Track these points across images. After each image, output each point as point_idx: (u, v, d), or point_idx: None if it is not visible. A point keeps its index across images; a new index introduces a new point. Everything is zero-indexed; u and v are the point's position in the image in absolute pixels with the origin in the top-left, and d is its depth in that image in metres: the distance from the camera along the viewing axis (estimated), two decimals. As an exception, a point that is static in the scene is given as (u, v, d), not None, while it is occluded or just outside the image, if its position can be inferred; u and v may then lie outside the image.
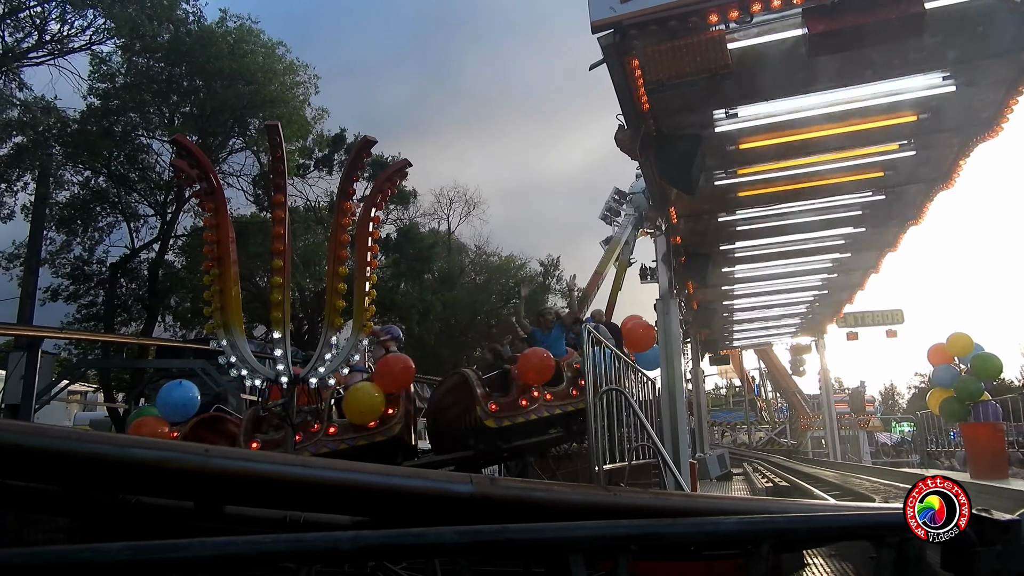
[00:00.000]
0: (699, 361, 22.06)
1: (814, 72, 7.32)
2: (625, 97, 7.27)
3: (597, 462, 5.84)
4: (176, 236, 24.94)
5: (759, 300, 18.28)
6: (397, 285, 30.23)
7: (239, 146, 25.14)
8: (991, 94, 7.89)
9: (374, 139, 8.70)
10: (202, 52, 21.29)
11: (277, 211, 8.58)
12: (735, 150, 9.08)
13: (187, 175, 8.43)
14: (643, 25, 6.32)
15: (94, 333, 21.84)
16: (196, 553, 1.44)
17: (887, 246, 13.81)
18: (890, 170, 9.97)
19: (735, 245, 13.23)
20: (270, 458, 2.54)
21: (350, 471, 2.51)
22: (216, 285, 8.37)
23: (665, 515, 2.84)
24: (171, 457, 2.33)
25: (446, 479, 2.61)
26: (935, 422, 18.73)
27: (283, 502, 2.66)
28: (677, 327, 10.86)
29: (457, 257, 39.60)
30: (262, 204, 25.58)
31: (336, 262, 8.63)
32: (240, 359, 8.30)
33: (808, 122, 8.47)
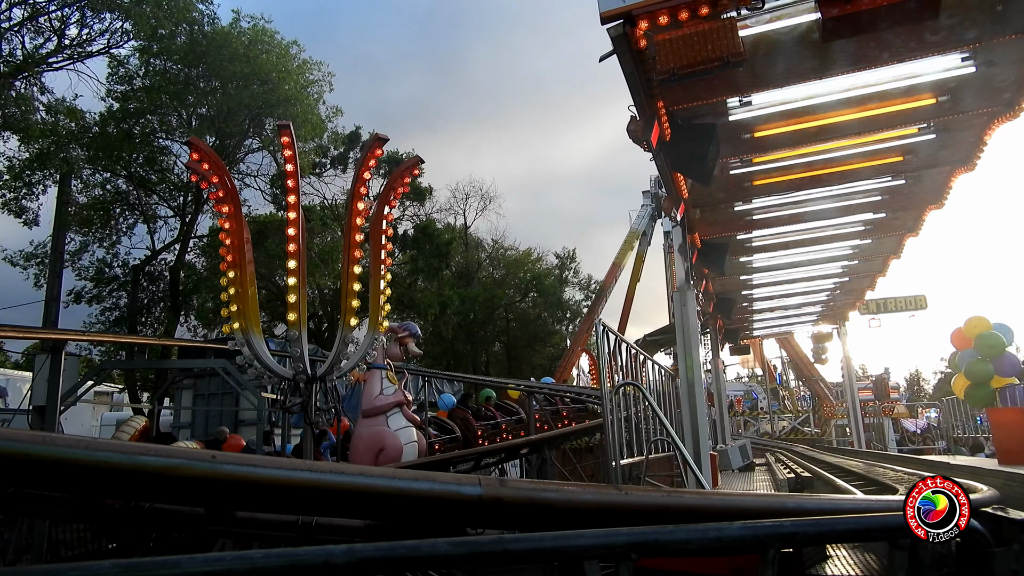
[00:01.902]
0: (719, 351, 21.89)
1: (829, 57, 7.19)
2: (636, 88, 7.18)
3: (614, 457, 5.81)
4: (197, 237, 25.24)
5: (778, 289, 18.08)
6: (415, 282, 30.32)
7: (256, 146, 25.32)
8: (1011, 74, 7.71)
9: (385, 137, 8.71)
10: (217, 54, 21.46)
11: (290, 211, 8.62)
12: (750, 138, 8.96)
13: (202, 177, 8.50)
14: (653, 14, 6.21)
15: (116, 335, 22.18)
16: (187, 569, 1.44)
17: (908, 231, 13.60)
18: (909, 154, 9.79)
19: (752, 234, 13.10)
20: (277, 463, 2.54)
21: (357, 475, 2.51)
22: (233, 286, 8.43)
23: (677, 514, 2.81)
24: (179, 464, 2.34)
25: (455, 481, 2.60)
26: (961, 407, 18.49)
27: (292, 506, 2.67)
28: (695, 318, 10.77)
29: (474, 252, 39.64)
30: (280, 204, 25.77)
31: (351, 261, 8.66)
32: (258, 358, 8.36)
33: (824, 108, 8.34)
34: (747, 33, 6.62)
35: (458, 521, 2.71)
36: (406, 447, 8.34)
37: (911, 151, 9.70)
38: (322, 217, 26.75)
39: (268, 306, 25.55)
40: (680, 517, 2.79)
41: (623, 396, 7.22)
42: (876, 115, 8.51)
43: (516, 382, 20.42)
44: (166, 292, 24.82)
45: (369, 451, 8.18)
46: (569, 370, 25.10)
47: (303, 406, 8.43)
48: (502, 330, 39.25)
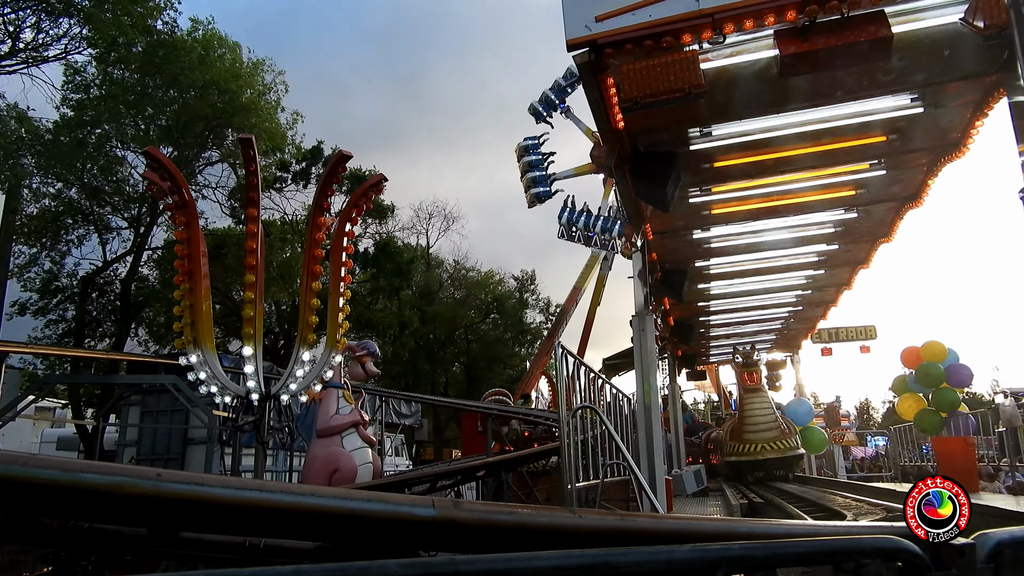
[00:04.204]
0: (676, 377, 22.15)
1: (786, 92, 7.42)
2: (600, 115, 7.30)
3: (570, 480, 5.81)
4: (151, 249, 24.62)
5: (735, 316, 18.43)
6: (375, 300, 30.05)
7: (215, 158, 24.91)
8: (957, 115, 8.06)
9: (349, 154, 8.65)
10: (174, 63, 21.07)
11: (250, 226, 8.50)
12: (710, 168, 9.17)
13: (159, 188, 8.34)
14: (618, 44, 6.35)
15: (61, 348, 21.42)
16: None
17: (859, 263, 14.04)
18: (861, 189, 10.13)
19: (710, 262, 13.34)
20: (225, 482, 2.47)
21: (309, 495, 2.45)
22: (186, 300, 8.26)
23: (631, 537, 2.82)
24: (123, 482, 2.26)
25: (408, 502, 2.56)
26: (909, 435, 19.03)
27: (241, 527, 2.60)
28: (653, 343, 10.89)
29: (436, 272, 39.57)
30: (238, 217, 25.33)
31: (310, 278, 8.57)
32: (210, 376, 8.18)
33: (781, 141, 8.59)
34: (709, 66, 6.80)
35: (411, 543, 2.67)
36: (361, 468, 8.22)
37: (863, 186, 10.03)
38: (282, 232, 26.38)
39: (223, 321, 25.03)
40: (634, 540, 2.79)
41: (580, 419, 7.25)
42: (830, 150, 8.79)
43: (475, 404, 20.33)
44: (116, 305, 24.11)
45: (323, 472, 8.03)
46: (529, 392, 25.06)
47: (255, 424, 8.26)
48: (462, 351, 39.16)
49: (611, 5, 6.24)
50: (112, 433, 17.16)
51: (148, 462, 14.75)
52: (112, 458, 15.87)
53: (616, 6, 6.24)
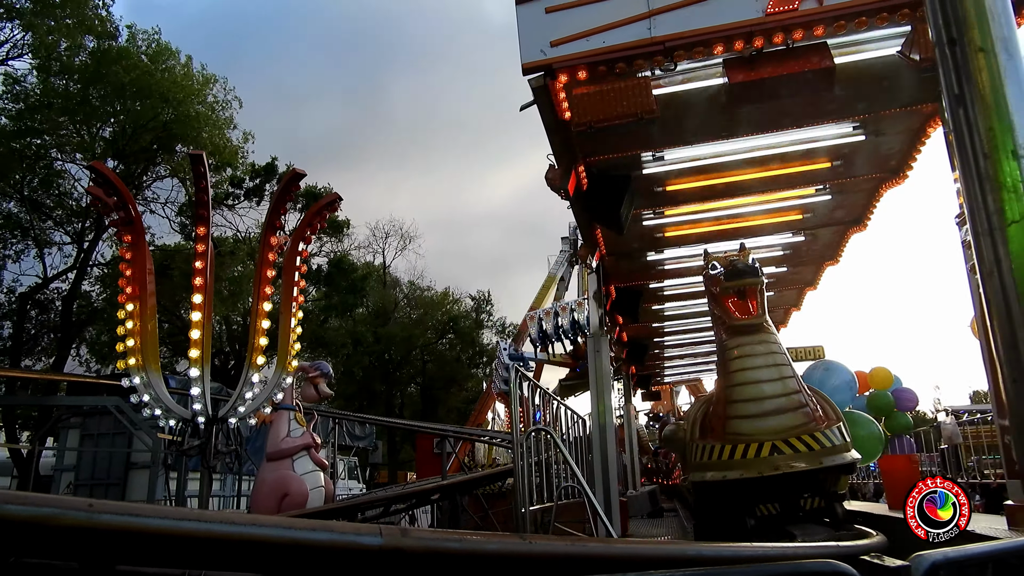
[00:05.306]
0: (631, 397, 22.30)
1: (735, 119, 7.61)
2: (555, 137, 7.38)
3: (523, 504, 5.77)
4: (95, 264, 23.81)
5: (688, 336, 18.66)
6: (328, 319, 29.60)
7: (164, 173, 24.31)
8: (897, 143, 8.38)
9: (303, 172, 8.54)
10: (118, 70, 20.54)
11: (198, 244, 8.31)
12: (662, 191, 9.32)
13: (104, 204, 8.10)
14: (572, 68, 6.44)
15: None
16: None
17: (807, 285, 14.41)
18: (808, 213, 10.42)
19: (664, 283, 13.52)
20: (162, 512, 2.38)
21: (250, 524, 2.38)
22: (131, 319, 8.01)
23: (581, 562, 2.81)
24: (51, 513, 2.15)
25: (353, 531, 2.50)
26: (855, 455, 19.45)
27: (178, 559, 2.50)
28: (607, 363, 10.96)
29: (392, 292, 39.22)
30: (188, 233, 24.73)
31: (261, 297, 8.40)
32: (154, 398, 7.92)
33: (731, 166, 8.78)
34: (661, 92, 6.94)
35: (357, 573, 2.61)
36: (312, 492, 8.03)
37: (809, 210, 10.32)
38: (235, 250, 25.83)
39: (170, 340, 24.33)
40: (583, 566, 2.79)
41: (535, 441, 7.22)
42: (778, 175, 9.02)
43: (430, 425, 20.12)
44: (57, 323, 23.21)
45: (272, 496, 7.82)
46: (484, 413, 24.92)
47: (201, 448, 8.01)
48: (418, 371, 38.78)
49: (566, 31, 6.34)
50: (49, 457, 16.42)
51: (87, 487, 14.16)
52: (48, 484, 15.19)
53: (571, 32, 6.34)
